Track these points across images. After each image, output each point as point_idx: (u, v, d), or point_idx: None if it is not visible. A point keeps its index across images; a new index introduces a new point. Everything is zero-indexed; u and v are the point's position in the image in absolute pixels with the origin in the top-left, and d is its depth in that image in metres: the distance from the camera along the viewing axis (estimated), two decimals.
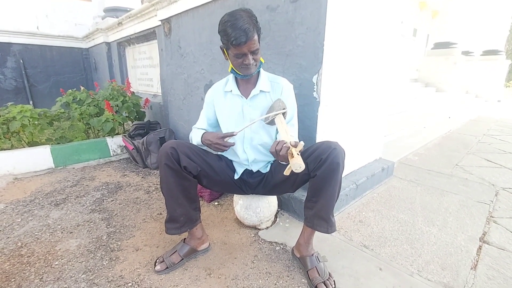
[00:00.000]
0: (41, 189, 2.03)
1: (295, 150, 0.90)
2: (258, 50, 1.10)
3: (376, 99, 1.96)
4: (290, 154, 0.91)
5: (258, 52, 1.11)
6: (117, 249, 1.34)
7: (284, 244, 1.37)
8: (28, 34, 4.74)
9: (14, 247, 1.36)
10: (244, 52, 1.06)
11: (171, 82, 2.70)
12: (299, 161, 0.87)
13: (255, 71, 1.17)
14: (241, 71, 1.14)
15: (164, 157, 1.08)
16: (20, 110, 2.44)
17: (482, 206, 1.76)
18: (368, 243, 1.38)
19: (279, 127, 1.07)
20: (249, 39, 1.02)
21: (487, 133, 3.87)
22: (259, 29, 1.09)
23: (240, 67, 1.12)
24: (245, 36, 1.01)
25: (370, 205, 1.75)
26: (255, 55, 1.10)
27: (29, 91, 4.88)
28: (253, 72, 1.15)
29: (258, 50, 1.10)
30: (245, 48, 1.05)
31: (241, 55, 1.07)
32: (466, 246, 1.36)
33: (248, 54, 1.07)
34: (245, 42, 1.02)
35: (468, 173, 2.33)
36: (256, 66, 1.14)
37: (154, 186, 2.10)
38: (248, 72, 1.14)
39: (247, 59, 1.08)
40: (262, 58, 1.20)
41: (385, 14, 1.78)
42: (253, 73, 1.16)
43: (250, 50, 1.06)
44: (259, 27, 1.09)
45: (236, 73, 1.18)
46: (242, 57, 1.08)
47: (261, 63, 1.20)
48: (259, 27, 1.09)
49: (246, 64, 1.09)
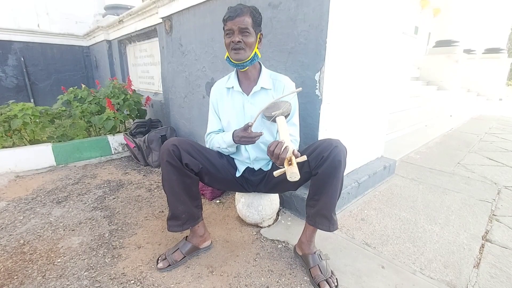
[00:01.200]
0: (42, 187, 2.04)
1: (295, 159, 0.89)
2: (249, 32, 1.10)
3: (378, 97, 1.95)
4: (288, 161, 0.90)
5: (248, 34, 1.10)
6: (119, 247, 1.34)
7: (286, 242, 1.37)
8: (29, 32, 4.74)
9: (17, 244, 1.37)
10: (232, 29, 1.09)
11: (172, 80, 2.69)
12: (296, 171, 0.86)
13: (248, 61, 1.14)
14: (232, 54, 1.13)
15: (166, 155, 1.08)
16: (21, 108, 2.44)
17: (485, 205, 1.75)
18: (370, 241, 1.38)
19: (281, 128, 1.04)
20: (238, 16, 1.07)
21: (489, 132, 3.86)
22: (256, 17, 1.12)
23: (230, 49, 1.13)
24: (235, 12, 1.07)
25: (372, 203, 1.75)
26: (245, 36, 1.10)
27: (30, 89, 4.88)
28: (244, 59, 1.12)
29: (249, 32, 1.10)
30: (233, 25, 1.08)
31: (230, 32, 1.10)
32: (469, 244, 1.36)
33: (235, 32, 1.09)
34: (233, 18, 1.07)
35: (470, 171, 2.32)
36: (246, 52, 1.12)
37: (156, 184, 2.10)
38: (238, 56, 1.12)
39: (234, 37, 1.09)
40: (259, 52, 1.18)
41: (387, 12, 1.77)
42: (246, 61, 1.13)
43: (238, 27, 1.08)
44: (256, 15, 1.12)
45: (230, 61, 1.17)
46: (231, 35, 1.10)
47: (256, 55, 1.17)
48: (256, 15, 1.12)
49: (233, 42, 1.10)
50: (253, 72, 1.23)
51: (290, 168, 0.87)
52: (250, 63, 1.16)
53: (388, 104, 2.11)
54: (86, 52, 5.39)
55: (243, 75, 1.23)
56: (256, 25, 1.13)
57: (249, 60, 1.14)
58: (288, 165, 0.89)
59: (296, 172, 0.86)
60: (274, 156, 0.94)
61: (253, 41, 1.12)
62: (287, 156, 0.91)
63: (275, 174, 0.91)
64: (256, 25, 1.12)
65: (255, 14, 1.12)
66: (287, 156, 0.91)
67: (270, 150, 0.96)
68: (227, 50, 1.14)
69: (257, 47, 1.17)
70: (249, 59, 1.13)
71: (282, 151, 0.92)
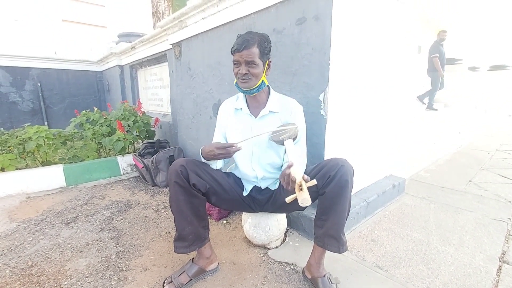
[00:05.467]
0: (52, 208, 2.07)
1: (305, 184, 0.89)
2: (255, 64, 1.13)
3: (384, 116, 1.96)
4: (298, 186, 0.90)
5: (254, 66, 1.13)
6: (125, 269, 1.33)
7: (295, 265, 1.34)
8: (46, 59, 5.01)
9: (25, 266, 1.37)
10: (238, 60, 1.13)
11: (180, 102, 2.78)
12: (307, 196, 0.86)
13: (255, 88, 1.18)
14: (239, 82, 1.17)
15: (174, 175, 1.10)
16: (36, 130, 2.53)
17: (500, 224, 1.69)
18: (381, 264, 1.33)
19: (289, 152, 1.06)
20: (245, 48, 1.09)
21: (500, 148, 3.78)
22: (264, 47, 1.14)
23: (237, 77, 1.17)
24: (242, 45, 1.09)
25: (382, 224, 1.71)
26: (251, 67, 1.13)
27: (45, 112, 5.08)
28: (251, 87, 1.16)
29: (255, 64, 1.13)
30: (239, 57, 1.12)
31: (237, 63, 1.14)
32: (485, 266, 1.30)
33: (242, 64, 1.12)
34: (240, 50, 1.10)
35: (482, 189, 2.26)
36: (252, 81, 1.15)
37: (163, 204, 2.10)
38: (245, 85, 1.15)
39: (241, 69, 1.13)
40: (266, 80, 1.22)
41: (390, 32, 1.83)
42: (253, 89, 1.17)
43: (244, 60, 1.11)
44: (264, 44, 1.14)
45: (238, 87, 1.21)
46: (238, 66, 1.14)
47: (264, 83, 1.20)
48: (264, 44, 1.14)
49: (240, 73, 1.13)
50: (262, 96, 1.26)
51: (300, 194, 0.87)
52: (257, 90, 1.20)
53: (395, 122, 2.12)
54: (99, 77, 5.63)
55: (252, 98, 1.27)
56: (264, 54, 1.15)
57: (256, 88, 1.19)
58: (299, 190, 0.89)
59: (307, 198, 0.86)
60: (286, 182, 0.95)
61: (259, 71, 1.15)
62: (298, 182, 0.91)
63: (287, 200, 0.91)
64: (263, 54, 1.15)
65: (262, 44, 1.14)
66: (298, 182, 0.91)
67: (281, 179, 0.97)
68: (235, 77, 1.19)
69: (265, 74, 1.20)
70: (256, 87, 1.18)
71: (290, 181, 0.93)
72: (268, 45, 1.17)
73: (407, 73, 5.72)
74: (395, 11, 1.83)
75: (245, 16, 1.80)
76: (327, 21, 1.35)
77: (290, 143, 1.08)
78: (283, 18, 1.56)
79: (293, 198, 0.90)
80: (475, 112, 6.40)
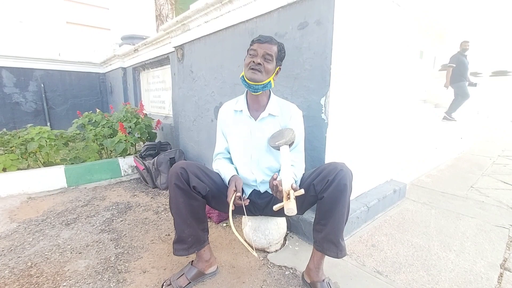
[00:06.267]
0: (53, 209, 2.07)
1: (293, 194, 0.90)
2: (271, 59, 1.17)
3: (386, 120, 1.96)
4: (286, 195, 0.90)
5: (270, 61, 1.17)
6: (124, 271, 1.33)
7: (294, 269, 1.33)
8: (50, 60, 5.06)
9: (24, 267, 1.37)
10: (257, 50, 1.16)
11: (182, 104, 2.79)
12: (293, 206, 0.87)
13: (261, 85, 1.18)
14: (247, 74, 1.17)
15: (174, 177, 1.10)
16: (38, 131, 2.55)
17: (501, 231, 1.68)
18: (382, 269, 1.32)
19: (283, 160, 1.06)
20: (267, 42, 1.15)
21: (501, 154, 3.77)
22: (281, 51, 1.21)
23: (248, 68, 1.17)
24: (265, 38, 1.15)
25: (383, 229, 1.70)
26: (266, 61, 1.16)
27: (47, 113, 5.11)
28: (258, 80, 1.16)
29: (271, 59, 1.17)
30: (259, 47, 1.15)
31: (254, 53, 1.16)
32: (487, 273, 1.29)
33: (259, 54, 1.15)
34: (262, 42, 1.15)
35: (484, 195, 2.25)
36: (262, 75, 1.16)
37: (163, 206, 2.10)
38: (253, 76, 1.15)
39: (257, 58, 1.15)
40: (273, 82, 1.23)
41: (391, 37, 1.83)
42: (259, 85, 1.17)
43: (264, 51, 1.15)
44: (281, 50, 1.21)
45: (243, 81, 1.21)
46: (253, 56, 1.16)
47: (270, 84, 1.21)
48: (282, 50, 1.21)
49: (254, 62, 1.15)
50: (263, 98, 1.27)
51: (287, 203, 0.88)
52: (263, 89, 1.20)
53: (396, 126, 2.12)
54: (102, 79, 5.67)
55: (253, 99, 1.27)
56: (279, 58, 1.21)
57: (263, 85, 1.18)
58: (286, 199, 0.89)
59: (293, 208, 0.87)
60: (274, 190, 0.98)
61: (271, 69, 1.18)
62: (285, 190, 0.91)
63: (275, 208, 0.92)
64: (279, 58, 1.20)
65: (281, 48, 1.21)
66: (285, 190, 0.91)
67: (270, 186, 1.00)
68: (245, 69, 1.19)
69: (273, 78, 1.22)
70: (263, 83, 1.18)
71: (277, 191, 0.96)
72: (284, 53, 1.24)
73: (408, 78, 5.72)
74: (396, 16, 1.84)
75: (248, 20, 1.81)
76: (328, 26, 1.36)
77: (286, 150, 1.08)
78: (285, 23, 1.57)
79: (280, 206, 0.90)
80: (477, 118, 6.38)
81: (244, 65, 1.21)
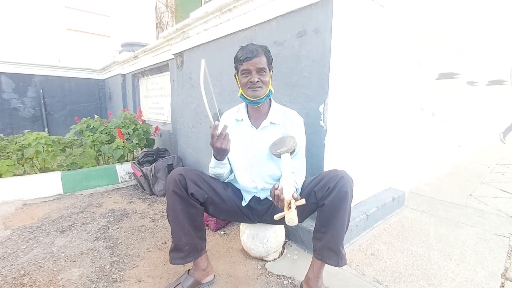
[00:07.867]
0: (48, 215, 2.04)
1: (294, 203, 0.89)
2: (265, 71, 1.16)
3: (384, 128, 1.97)
4: (287, 205, 0.89)
5: (264, 74, 1.16)
6: (119, 280, 1.30)
7: (293, 278, 1.31)
8: (50, 66, 5.08)
9: (17, 275, 1.34)
10: (249, 69, 1.13)
11: (181, 111, 2.79)
12: (293, 216, 0.86)
13: (264, 97, 1.18)
14: (248, 93, 1.16)
15: (172, 184, 1.09)
16: (35, 137, 2.53)
17: (501, 240, 1.67)
18: (381, 279, 1.30)
19: (284, 168, 1.06)
20: (255, 56, 1.12)
21: (499, 162, 3.78)
22: (269, 56, 1.18)
23: (247, 88, 1.16)
24: (251, 53, 1.12)
25: (382, 237, 1.68)
26: (262, 75, 1.15)
27: (46, 119, 5.10)
28: (261, 95, 1.17)
29: (265, 71, 1.16)
30: (250, 65, 1.13)
31: (247, 72, 1.14)
32: (488, 283, 1.27)
33: (253, 72, 1.13)
34: (251, 58, 1.12)
35: (483, 204, 2.24)
36: (263, 89, 1.16)
37: (160, 213, 2.08)
38: (255, 94, 1.16)
39: (252, 77, 1.13)
40: (272, 88, 1.24)
41: (389, 46, 1.85)
42: (262, 98, 1.18)
43: (256, 67, 1.13)
44: (269, 54, 1.18)
45: (245, 99, 1.21)
46: (248, 75, 1.14)
47: (271, 92, 1.22)
48: (269, 54, 1.18)
49: (251, 82, 1.14)
50: (264, 106, 1.27)
51: (288, 213, 0.87)
52: (265, 99, 1.21)
53: (394, 134, 2.12)
54: (101, 85, 5.68)
55: (254, 109, 1.27)
56: (269, 64, 1.20)
57: (265, 97, 1.19)
58: (287, 209, 0.88)
59: (294, 218, 0.86)
60: (275, 199, 0.97)
61: (268, 80, 1.18)
62: (287, 200, 0.91)
63: (276, 218, 0.90)
64: (269, 63, 1.20)
65: (267, 53, 1.19)
66: (287, 200, 0.91)
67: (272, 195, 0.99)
68: (243, 88, 1.19)
69: (270, 84, 1.22)
70: (265, 95, 1.19)
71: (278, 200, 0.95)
72: (271, 55, 1.22)
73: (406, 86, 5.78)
74: (393, 25, 1.86)
75: (247, 28, 1.83)
76: (326, 34, 1.38)
77: (287, 158, 1.07)
78: (283, 31, 1.59)
79: (281, 216, 0.89)
80: (474, 126, 6.42)
81: (240, 84, 1.20)
